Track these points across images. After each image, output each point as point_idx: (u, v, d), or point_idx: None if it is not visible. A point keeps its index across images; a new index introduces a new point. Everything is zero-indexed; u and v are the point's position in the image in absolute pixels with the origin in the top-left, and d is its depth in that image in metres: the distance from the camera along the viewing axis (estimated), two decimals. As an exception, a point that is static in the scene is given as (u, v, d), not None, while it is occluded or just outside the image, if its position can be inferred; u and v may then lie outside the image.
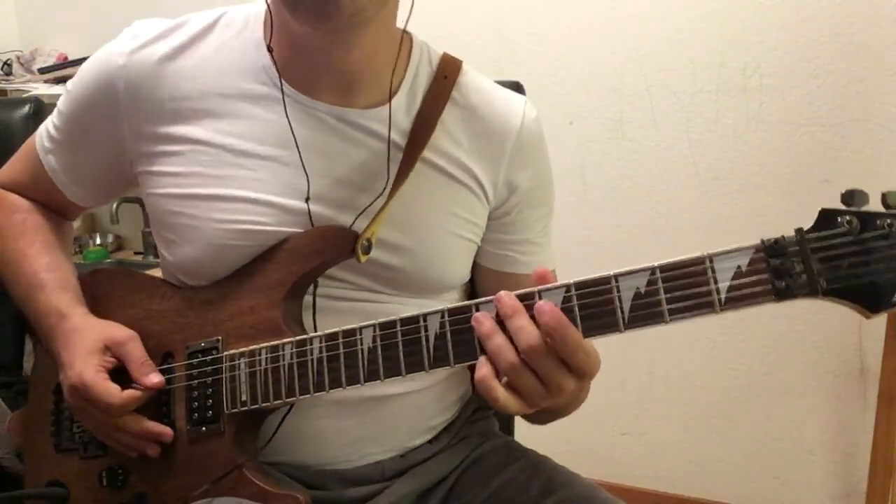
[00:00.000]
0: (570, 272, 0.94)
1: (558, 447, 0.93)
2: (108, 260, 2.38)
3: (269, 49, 0.80)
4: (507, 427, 1.07)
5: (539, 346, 0.63)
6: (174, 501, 0.79)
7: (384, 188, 0.80)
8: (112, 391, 0.78)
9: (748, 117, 1.75)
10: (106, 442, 0.83)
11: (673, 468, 1.97)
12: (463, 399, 0.95)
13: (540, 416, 0.81)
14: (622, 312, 0.64)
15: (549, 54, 1.90)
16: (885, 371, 1.60)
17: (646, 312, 0.63)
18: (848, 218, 0.60)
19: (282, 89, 0.80)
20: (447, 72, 0.86)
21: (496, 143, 0.86)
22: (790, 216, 1.80)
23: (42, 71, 2.40)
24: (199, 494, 0.77)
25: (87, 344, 0.81)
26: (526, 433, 0.95)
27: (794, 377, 1.81)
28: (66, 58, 2.46)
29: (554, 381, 0.64)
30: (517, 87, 1.05)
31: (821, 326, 1.76)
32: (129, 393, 0.78)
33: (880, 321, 1.60)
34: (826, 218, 0.61)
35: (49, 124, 0.91)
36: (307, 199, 0.79)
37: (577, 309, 0.65)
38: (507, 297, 0.65)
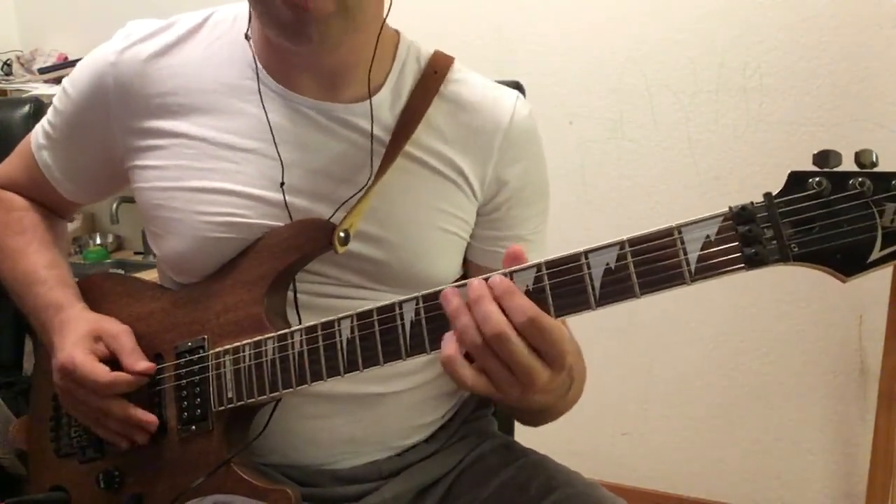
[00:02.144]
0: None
1: (558, 447, 0.93)
2: (108, 260, 2.38)
3: (247, 37, 0.81)
4: (507, 427, 1.07)
5: (502, 334, 0.61)
6: (168, 501, 0.80)
7: (365, 182, 0.80)
8: (100, 370, 0.79)
9: (748, 117, 1.75)
10: (93, 428, 0.84)
11: (673, 468, 1.97)
12: (459, 395, 0.95)
13: (529, 416, 0.80)
14: (593, 290, 0.63)
15: (549, 54, 1.90)
16: (885, 371, 1.60)
17: (617, 288, 0.62)
18: (818, 179, 0.57)
19: (258, 78, 0.81)
20: (437, 67, 0.86)
21: (484, 139, 0.85)
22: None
23: (42, 71, 2.40)
24: (190, 492, 0.77)
25: (80, 331, 0.82)
26: (526, 433, 0.95)
27: (794, 377, 1.81)
28: (66, 58, 2.47)
29: (521, 368, 0.62)
30: (517, 87, 1.05)
31: (821, 326, 1.76)
32: (118, 374, 0.79)
33: (880, 321, 1.60)
34: (796, 181, 0.59)
35: (44, 122, 0.92)
36: (283, 190, 0.80)
37: (548, 289, 0.64)
38: (477, 283, 0.64)
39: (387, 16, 0.82)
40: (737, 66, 1.73)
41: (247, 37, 0.82)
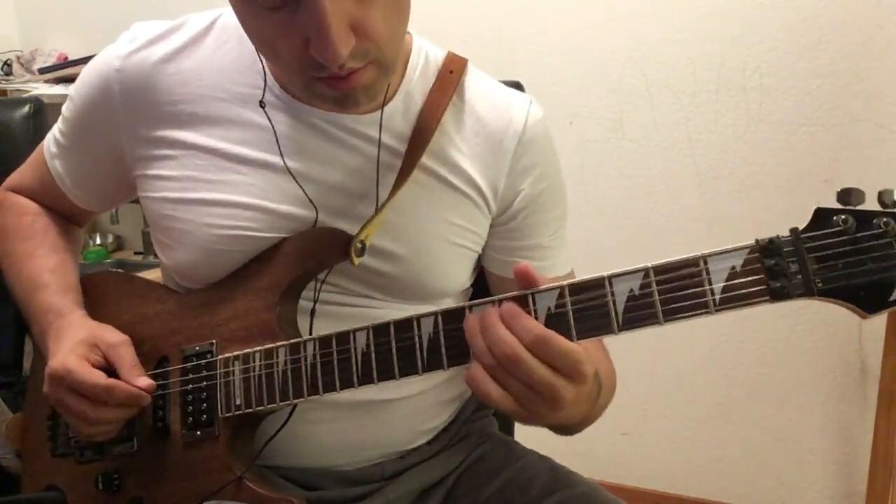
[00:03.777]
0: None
1: (558, 447, 0.93)
2: (108, 260, 2.39)
3: (262, 105, 0.78)
4: (507, 427, 1.07)
5: (513, 356, 0.61)
6: None
7: (379, 194, 0.79)
8: (96, 374, 0.76)
9: (748, 117, 1.75)
10: (84, 433, 0.80)
11: (673, 468, 1.97)
12: (461, 398, 0.95)
13: (567, 429, 0.79)
14: (616, 314, 0.63)
15: (549, 54, 1.90)
16: (885, 371, 1.60)
17: (640, 314, 0.63)
18: (843, 217, 0.59)
19: (262, 97, 0.78)
20: (452, 67, 0.84)
21: (497, 148, 0.84)
22: (790, 216, 1.79)
23: (42, 71, 2.40)
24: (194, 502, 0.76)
25: (75, 338, 0.80)
26: (526, 433, 0.95)
27: (794, 377, 1.81)
28: (66, 58, 2.47)
29: (541, 385, 0.62)
30: (517, 88, 1.05)
31: (821, 326, 1.76)
32: (116, 381, 0.76)
33: (880, 321, 1.60)
34: (821, 217, 0.60)
35: (56, 130, 0.91)
36: (315, 206, 0.78)
37: (570, 311, 0.64)
38: (489, 309, 0.64)
39: None
40: (737, 66, 1.74)
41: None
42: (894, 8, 1.60)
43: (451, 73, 0.83)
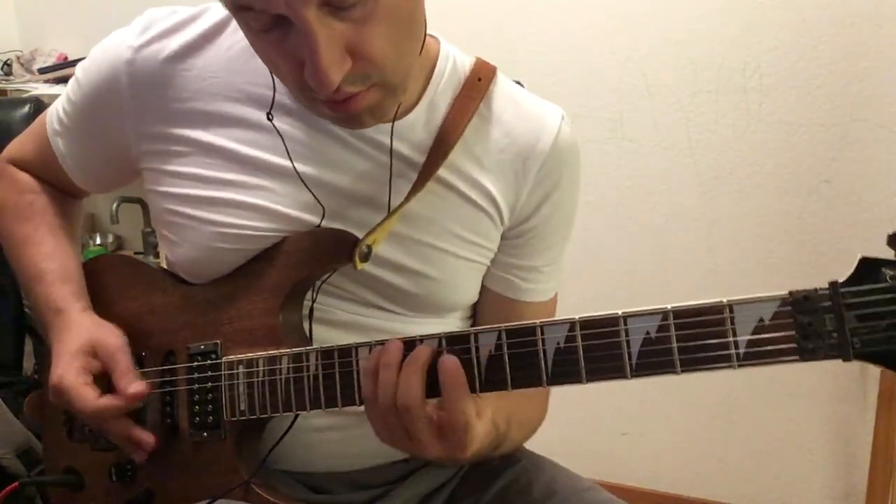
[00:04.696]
0: (570, 274, 0.95)
1: (558, 447, 0.93)
2: (108, 260, 2.39)
3: (270, 117, 0.76)
4: (508, 427, 1.06)
5: (412, 408, 0.64)
6: (179, 501, 0.79)
7: (390, 203, 0.77)
8: (87, 397, 0.76)
9: (748, 117, 1.75)
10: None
11: (673, 468, 1.97)
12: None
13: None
14: (629, 357, 0.59)
15: (549, 54, 1.90)
16: (885, 371, 1.60)
17: (655, 360, 0.58)
18: (893, 273, 0.53)
19: (270, 110, 0.76)
20: (481, 74, 0.82)
21: (522, 164, 0.81)
22: (790, 216, 1.81)
23: (42, 71, 2.40)
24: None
25: (74, 344, 0.80)
26: (526, 433, 0.95)
27: (794, 377, 1.81)
28: (66, 58, 2.47)
29: (417, 440, 0.65)
30: (517, 88, 1.05)
31: (821, 326, 1.76)
32: (105, 400, 0.77)
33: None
34: (867, 269, 0.53)
35: (59, 107, 0.88)
36: (324, 208, 0.77)
37: (580, 349, 0.60)
38: (394, 347, 0.66)
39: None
40: (737, 66, 1.74)
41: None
42: (894, 8, 1.60)
43: (480, 81, 0.81)
